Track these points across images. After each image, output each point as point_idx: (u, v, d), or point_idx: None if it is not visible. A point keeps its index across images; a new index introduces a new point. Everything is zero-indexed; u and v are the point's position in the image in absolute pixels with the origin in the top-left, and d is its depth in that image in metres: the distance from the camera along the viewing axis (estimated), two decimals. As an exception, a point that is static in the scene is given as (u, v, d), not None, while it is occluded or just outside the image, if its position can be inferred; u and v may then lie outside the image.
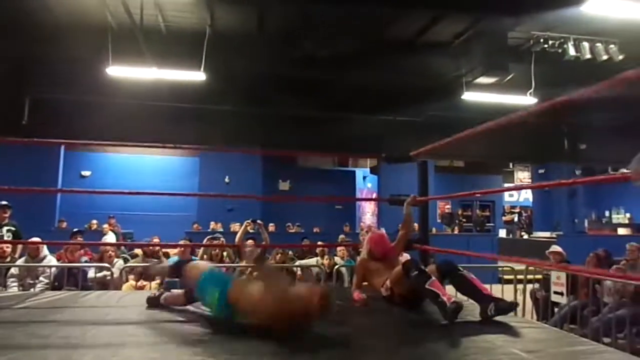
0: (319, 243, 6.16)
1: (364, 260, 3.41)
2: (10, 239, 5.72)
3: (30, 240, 5.19)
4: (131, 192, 8.46)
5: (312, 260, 5.41)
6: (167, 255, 6.09)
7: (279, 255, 5.27)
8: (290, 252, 6.85)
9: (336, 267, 5.12)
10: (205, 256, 5.42)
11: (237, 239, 5.63)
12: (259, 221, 6.13)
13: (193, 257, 5.29)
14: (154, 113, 9.43)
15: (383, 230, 4.06)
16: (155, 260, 2.79)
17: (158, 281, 4.96)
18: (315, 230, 10.01)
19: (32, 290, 4.55)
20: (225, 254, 5.49)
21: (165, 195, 8.97)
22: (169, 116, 9.54)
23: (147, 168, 11.33)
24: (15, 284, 4.82)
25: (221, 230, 8.86)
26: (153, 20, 7.87)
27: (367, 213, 12.24)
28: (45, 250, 5.23)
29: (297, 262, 5.48)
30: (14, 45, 7.95)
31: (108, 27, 7.82)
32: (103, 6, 7.25)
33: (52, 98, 9.10)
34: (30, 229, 6.06)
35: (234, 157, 10.44)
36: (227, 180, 10.55)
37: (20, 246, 5.54)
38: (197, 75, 8.15)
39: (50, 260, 5.14)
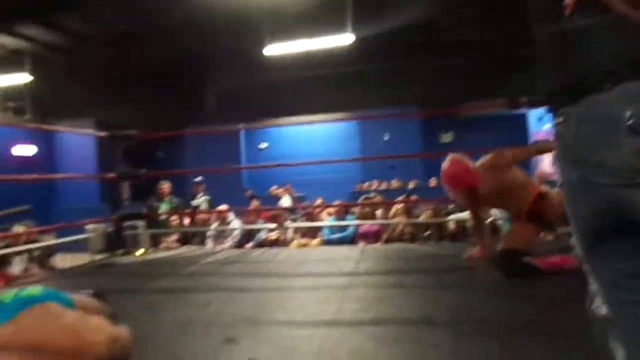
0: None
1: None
2: (207, 207, 7.00)
3: (218, 208, 6.26)
4: (298, 164, 9.32)
5: (467, 214, 5.21)
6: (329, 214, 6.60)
7: (430, 211, 5.22)
8: (451, 207, 6.69)
9: (491, 219, 4.85)
10: (360, 215, 5.70)
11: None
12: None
13: (347, 216, 5.62)
14: (313, 82, 10.02)
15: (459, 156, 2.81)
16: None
17: (318, 240, 5.43)
18: (480, 181, 9.51)
19: (219, 247, 5.47)
20: (379, 212, 5.67)
21: (329, 162, 9.63)
22: (326, 83, 10.01)
23: (315, 135, 12.14)
24: (210, 244, 5.90)
25: (383, 188, 9.09)
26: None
27: (545, 159, 11.01)
28: (231, 216, 6.25)
29: (451, 217, 5.35)
30: (189, 40, 9.20)
31: (263, 8, 8.46)
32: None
33: (228, 84, 10.38)
34: (222, 198, 7.12)
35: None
36: (385, 138, 10.67)
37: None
38: (346, 38, 8.30)
39: (235, 224, 6.08)
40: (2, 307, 1.46)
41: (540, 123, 12.15)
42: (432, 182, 9.50)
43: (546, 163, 11.34)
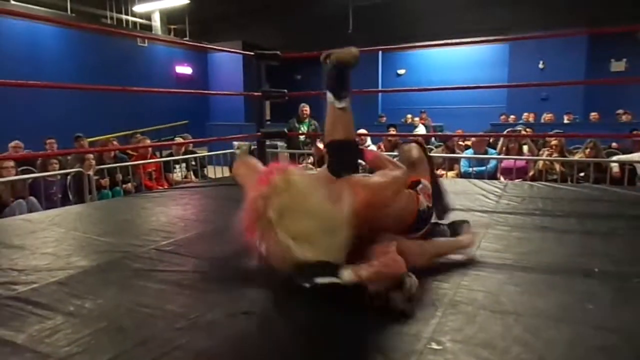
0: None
1: None
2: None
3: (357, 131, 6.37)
4: (437, 88, 8.83)
5: (636, 156, 4.48)
6: (466, 147, 6.23)
7: (589, 149, 4.58)
8: (615, 144, 5.98)
9: (668, 165, 4.11)
10: (503, 149, 5.26)
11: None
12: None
13: (490, 150, 5.23)
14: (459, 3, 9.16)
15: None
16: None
17: (455, 172, 5.19)
18: (654, 119, 8.01)
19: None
20: (525, 147, 5.17)
21: (470, 88, 8.86)
22: (474, 3, 9.09)
23: (456, 61, 11.27)
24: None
25: (531, 122, 8.23)
26: None
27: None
28: (368, 140, 6.48)
29: (615, 157, 4.65)
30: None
31: None
32: None
33: (370, 5, 9.99)
34: (357, 123, 7.15)
35: (550, 38, 9.16)
36: (541, 65, 9.45)
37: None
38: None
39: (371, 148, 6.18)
40: None
41: None
42: (594, 116, 8.33)
43: None
